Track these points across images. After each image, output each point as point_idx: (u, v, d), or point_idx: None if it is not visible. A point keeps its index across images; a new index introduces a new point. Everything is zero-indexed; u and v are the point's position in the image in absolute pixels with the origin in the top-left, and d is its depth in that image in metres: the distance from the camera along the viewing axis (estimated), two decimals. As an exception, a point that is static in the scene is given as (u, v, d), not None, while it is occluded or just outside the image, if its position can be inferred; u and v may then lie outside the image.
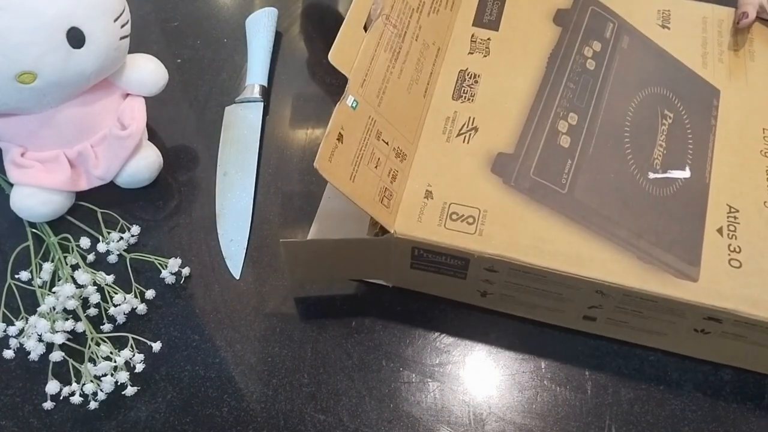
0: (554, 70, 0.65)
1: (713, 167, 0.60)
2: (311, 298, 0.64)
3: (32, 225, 0.67)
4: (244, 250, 0.66)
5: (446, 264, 0.57)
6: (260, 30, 0.80)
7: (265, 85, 0.78)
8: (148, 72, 0.69)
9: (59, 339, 0.59)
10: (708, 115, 0.63)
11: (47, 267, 0.64)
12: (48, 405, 0.57)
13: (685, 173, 0.59)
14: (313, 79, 0.80)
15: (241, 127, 0.75)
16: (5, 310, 0.62)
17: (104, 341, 0.60)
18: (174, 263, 0.65)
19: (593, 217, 0.56)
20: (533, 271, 0.55)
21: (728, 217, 0.57)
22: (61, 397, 0.58)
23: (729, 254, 0.55)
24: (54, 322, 0.60)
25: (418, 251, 0.56)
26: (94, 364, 0.58)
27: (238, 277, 0.65)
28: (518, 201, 0.57)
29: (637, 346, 0.61)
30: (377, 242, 0.57)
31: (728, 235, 0.56)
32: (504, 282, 0.57)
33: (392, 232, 0.55)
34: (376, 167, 0.55)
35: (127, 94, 0.69)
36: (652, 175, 0.59)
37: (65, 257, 0.65)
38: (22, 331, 0.61)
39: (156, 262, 0.65)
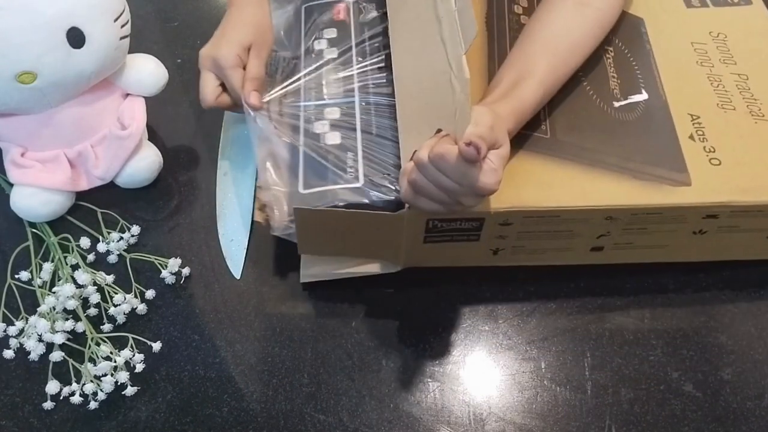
0: (495, 33, 0.68)
1: (664, 85, 0.65)
2: (311, 298, 0.64)
3: (32, 225, 0.67)
4: (245, 250, 0.66)
5: (460, 230, 0.58)
6: None
7: (265, 85, 0.77)
8: (148, 72, 0.69)
9: (59, 339, 0.59)
10: (642, 41, 0.69)
11: (47, 267, 0.64)
12: (48, 405, 0.57)
13: (644, 96, 0.65)
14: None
15: (242, 128, 0.75)
16: (5, 310, 0.62)
17: (104, 341, 0.60)
18: (174, 263, 0.65)
19: (582, 152, 0.60)
20: (547, 214, 0.57)
21: (693, 124, 0.62)
22: (61, 397, 0.58)
23: (707, 155, 0.60)
24: (54, 322, 0.60)
25: (432, 222, 0.57)
26: (94, 364, 0.58)
27: (238, 277, 0.65)
28: (513, 155, 0.59)
29: (637, 343, 0.61)
30: (390, 218, 0.57)
31: (700, 139, 0.62)
32: (517, 233, 0.59)
33: (406, 207, 0.55)
34: None
35: (127, 94, 0.69)
36: (616, 104, 0.64)
37: (65, 257, 0.65)
38: (22, 331, 0.61)
39: (156, 262, 0.65)
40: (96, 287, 0.63)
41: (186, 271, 0.65)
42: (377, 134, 0.61)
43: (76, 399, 0.57)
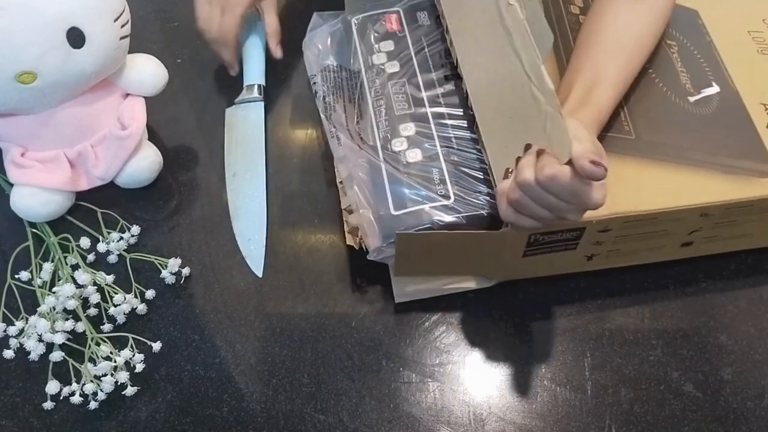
0: (558, 36, 0.67)
1: (732, 77, 0.65)
2: (311, 298, 0.64)
3: (32, 225, 0.67)
4: (264, 248, 0.66)
5: (560, 240, 0.58)
6: (250, 30, 0.79)
7: (264, 84, 0.77)
8: (148, 72, 0.69)
9: (59, 339, 0.59)
10: (701, 33, 0.69)
11: (47, 267, 0.64)
12: (48, 405, 0.57)
13: (715, 88, 0.65)
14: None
15: (245, 128, 0.75)
16: (5, 310, 0.62)
17: (104, 341, 0.60)
18: (174, 263, 0.65)
19: (668, 150, 0.61)
20: (646, 217, 0.57)
21: (767, 113, 0.63)
22: (61, 397, 0.58)
23: None
24: (54, 322, 0.60)
25: (534, 237, 0.57)
26: (94, 364, 0.58)
27: (260, 276, 0.65)
28: None
29: (637, 343, 0.61)
30: (492, 236, 0.56)
31: None
32: (614, 238, 0.59)
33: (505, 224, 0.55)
34: None
35: (127, 94, 0.69)
36: (691, 99, 0.64)
37: (65, 257, 0.65)
38: (22, 331, 0.61)
39: (156, 262, 0.65)
40: (96, 287, 0.63)
41: (186, 271, 0.65)
42: (457, 148, 0.61)
43: (76, 399, 0.57)
